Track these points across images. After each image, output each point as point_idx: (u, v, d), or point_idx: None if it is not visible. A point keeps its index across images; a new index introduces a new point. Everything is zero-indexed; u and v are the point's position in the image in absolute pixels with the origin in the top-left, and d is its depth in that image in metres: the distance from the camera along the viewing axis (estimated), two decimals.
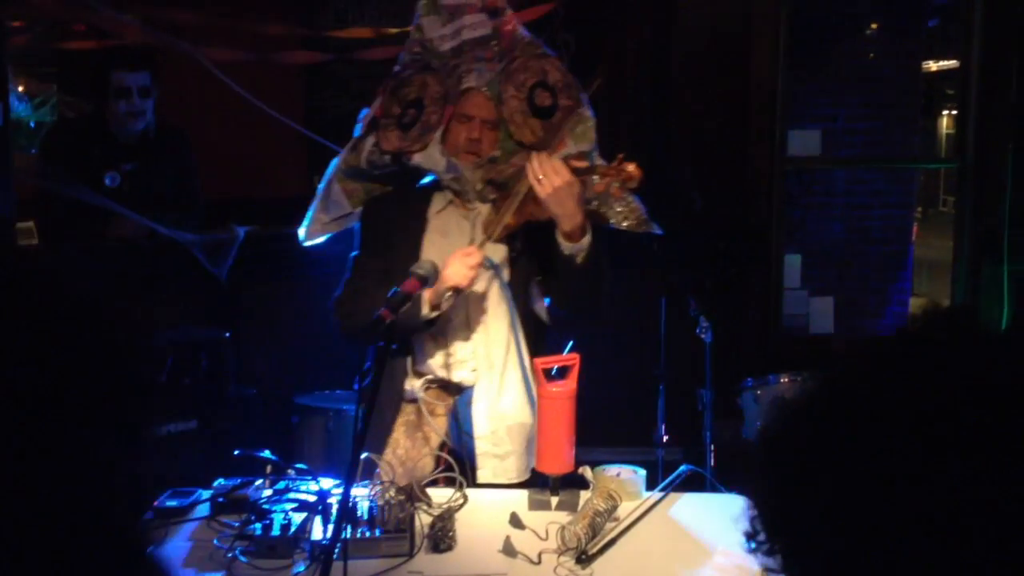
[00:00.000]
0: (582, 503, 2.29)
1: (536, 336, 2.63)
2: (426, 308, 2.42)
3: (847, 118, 5.55)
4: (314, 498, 2.26)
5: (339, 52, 4.53)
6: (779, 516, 0.88)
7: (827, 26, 5.50)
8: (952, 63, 5.23)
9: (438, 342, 2.59)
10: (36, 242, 4.25)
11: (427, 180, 2.66)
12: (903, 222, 5.88)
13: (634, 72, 4.91)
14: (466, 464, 2.50)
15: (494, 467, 2.56)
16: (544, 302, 2.63)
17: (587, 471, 2.42)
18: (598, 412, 2.97)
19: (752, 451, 0.93)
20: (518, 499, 2.42)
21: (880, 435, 0.81)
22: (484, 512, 2.35)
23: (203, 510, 2.33)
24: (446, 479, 2.46)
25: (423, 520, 2.20)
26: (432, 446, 2.60)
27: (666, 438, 3.95)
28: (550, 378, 2.42)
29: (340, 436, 3.54)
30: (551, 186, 2.37)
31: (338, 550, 1.87)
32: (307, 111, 5.02)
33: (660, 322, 3.92)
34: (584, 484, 2.42)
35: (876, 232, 5.72)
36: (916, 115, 5.94)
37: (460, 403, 2.59)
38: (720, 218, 4.47)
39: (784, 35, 4.43)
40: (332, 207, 2.75)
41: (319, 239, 2.80)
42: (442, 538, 2.15)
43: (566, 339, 2.69)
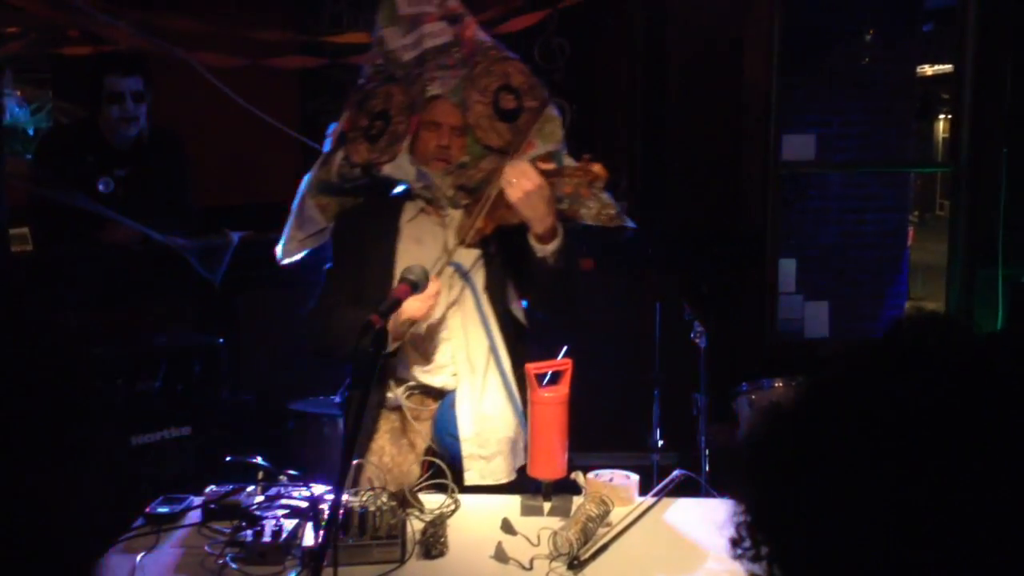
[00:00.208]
0: (574, 508, 2.29)
1: (515, 338, 2.64)
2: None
3: (841, 123, 5.56)
4: (305, 504, 2.25)
5: (334, 57, 4.53)
6: (765, 521, 0.88)
7: (821, 31, 5.51)
8: (947, 67, 5.23)
9: (418, 348, 2.60)
10: (30, 248, 4.25)
11: (399, 190, 2.67)
12: (898, 226, 5.89)
13: (628, 77, 4.91)
14: (452, 468, 2.50)
15: (480, 469, 2.55)
16: (521, 304, 2.65)
17: (579, 476, 2.42)
18: (593, 417, 2.97)
19: (738, 456, 0.93)
20: (510, 505, 2.41)
21: (863, 439, 0.81)
22: (476, 518, 2.34)
23: (195, 516, 2.33)
24: (434, 484, 2.46)
25: (415, 526, 2.20)
26: (418, 451, 2.60)
27: (661, 443, 3.95)
28: (543, 383, 2.42)
29: (335, 442, 3.54)
30: (521, 190, 2.39)
31: (329, 557, 1.87)
32: (302, 116, 5.02)
33: (655, 327, 3.92)
34: (576, 489, 2.42)
35: (871, 236, 5.72)
36: (910, 119, 5.95)
37: (444, 405, 2.59)
38: (714, 223, 4.47)
39: (778, 40, 4.43)
40: (307, 223, 2.76)
41: (297, 256, 2.81)
42: (434, 544, 2.14)
43: (548, 341, 2.69)
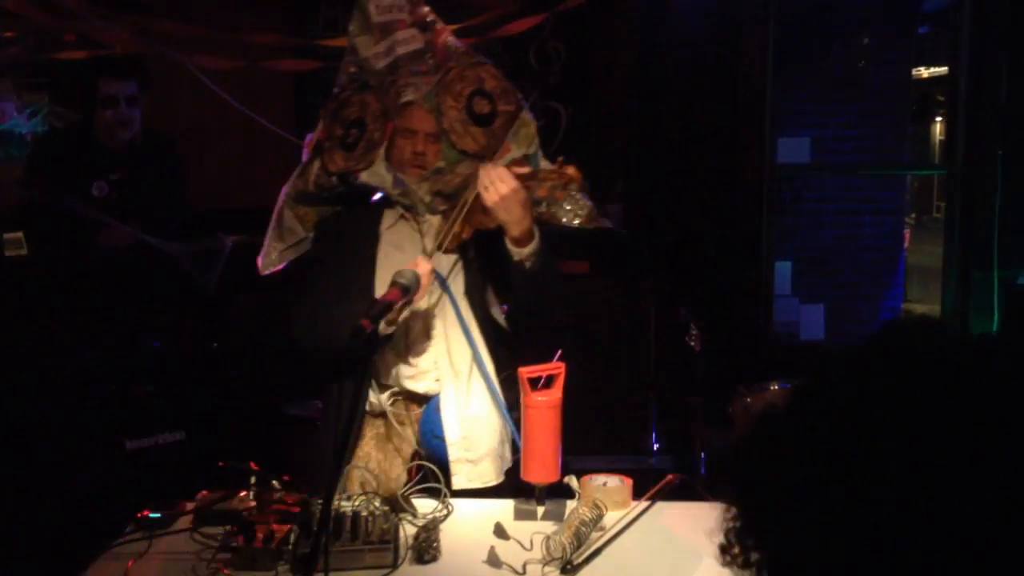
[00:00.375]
0: (568, 513, 2.28)
1: (497, 342, 2.65)
2: (382, 324, 2.42)
3: (837, 125, 5.56)
4: (297, 509, 2.25)
5: (329, 60, 4.52)
6: (755, 528, 0.88)
7: (816, 33, 5.51)
8: (943, 70, 5.24)
9: (400, 354, 2.61)
10: (25, 252, 4.24)
11: (376, 197, 2.68)
12: (894, 229, 5.89)
13: (623, 80, 4.91)
14: (440, 471, 2.50)
15: (468, 472, 2.56)
16: (502, 308, 2.66)
17: (572, 480, 2.41)
18: (590, 420, 2.98)
19: (727, 463, 0.93)
20: (503, 509, 2.40)
21: (851, 445, 0.81)
22: (468, 522, 2.33)
23: (186, 522, 2.32)
24: (424, 489, 2.46)
25: (407, 531, 2.19)
26: (404, 456, 2.60)
27: (657, 446, 3.95)
28: (537, 387, 2.41)
29: (326, 446, 3.52)
30: (497, 194, 2.40)
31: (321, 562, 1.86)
32: (297, 119, 5.00)
33: (650, 330, 3.92)
34: (570, 493, 2.41)
35: (867, 239, 5.71)
36: (906, 122, 5.94)
37: (428, 409, 2.60)
38: (710, 226, 4.47)
39: (773, 43, 4.43)
40: (286, 234, 2.77)
41: (279, 267, 2.82)
42: (426, 549, 2.13)
43: (542, 344, 2.70)
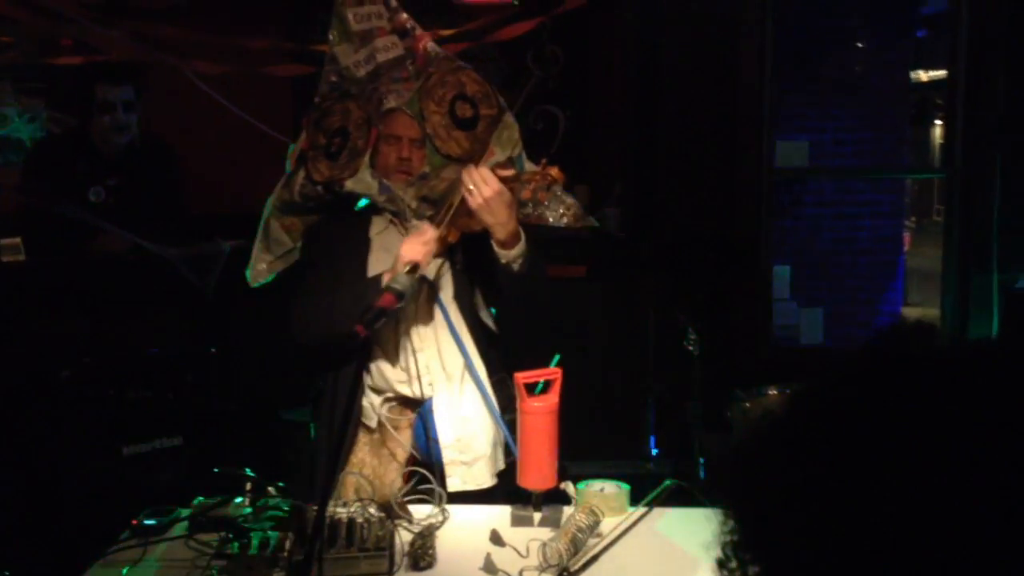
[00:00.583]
0: (564, 519, 2.27)
1: (488, 345, 2.66)
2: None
3: (836, 129, 5.55)
4: (293, 516, 2.24)
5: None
6: (753, 541, 0.87)
7: (815, 37, 5.50)
8: (942, 73, 5.23)
9: (391, 359, 2.62)
10: (23, 258, 4.24)
11: (363, 204, 2.68)
12: (894, 232, 5.88)
13: (621, 84, 4.90)
14: (435, 475, 2.50)
15: (463, 474, 2.58)
16: (491, 311, 2.68)
17: (569, 486, 2.40)
18: (588, 425, 2.97)
19: (724, 475, 0.92)
20: (500, 515, 2.40)
21: (846, 454, 0.80)
22: (464, 529, 2.33)
23: (182, 528, 2.31)
24: (420, 494, 2.46)
25: (403, 538, 2.18)
26: (399, 461, 2.60)
27: (656, 451, 3.94)
28: (534, 393, 2.40)
29: (322, 452, 3.52)
30: (482, 196, 2.42)
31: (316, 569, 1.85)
32: (294, 124, 5.00)
33: (648, 334, 3.91)
34: (567, 499, 2.40)
35: (866, 242, 5.71)
36: (905, 125, 5.94)
37: (422, 413, 2.61)
38: (708, 229, 4.46)
39: (771, 46, 4.42)
40: (274, 245, 2.78)
41: (267, 279, 2.83)
42: (422, 556, 2.13)
43: (528, 348, 2.71)
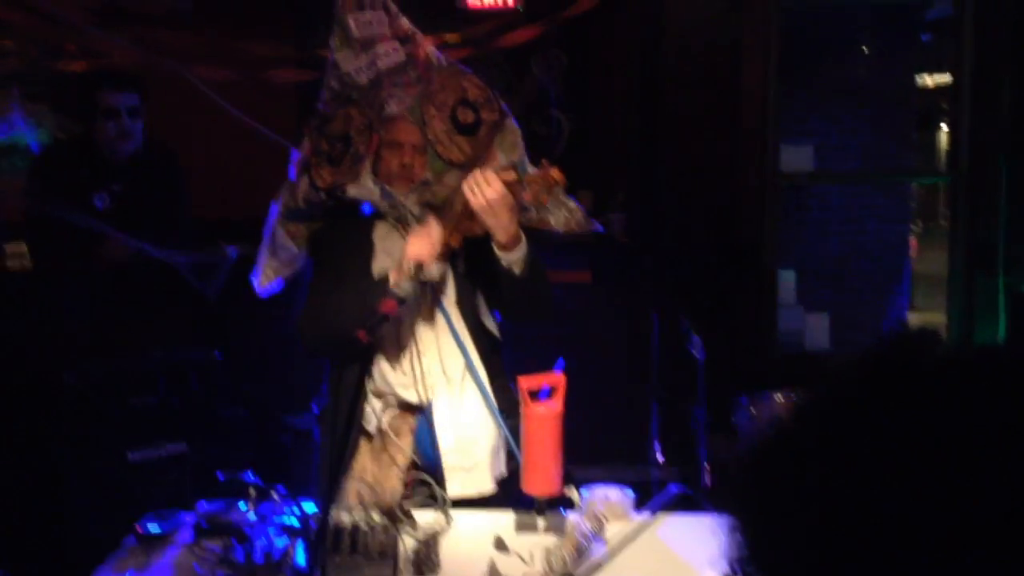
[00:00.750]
0: (569, 525, 2.27)
1: (490, 350, 2.66)
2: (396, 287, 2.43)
3: (840, 133, 5.54)
4: (297, 522, 2.23)
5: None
6: (760, 557, 0.87)
7: (819, 41, 5.50)
8: (947, 78, 5.22)
9: (392, 364, 2.62)
10: (29, 264, 4.25)
11: (367, 210, 2.68)
12: (899, 237, 5.87)
13: (625, 88, 4.90)
14: (435, 480, 2.51)
15: (462, 480, 2.57)
16: (494, 316, 2.67)
17: (573, 492, 2.40)
18: (593, 431, 2.96)
19: (728, 491, 0.92)
20: (504, 521, 2.39)
21: (852, 468, 0.79)
22: (468, 535, 2.32)
23: (185, 534, 2.31)
24: (422, 499, 2.45)
25: (406, 544, 2.18)
26: (400, 467, 2.59)
27: (661, 457, 3.92)
28: (538, 398, 2.40)
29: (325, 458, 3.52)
30: (484, 198, 2.41)
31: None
32: (298, 130, 5.00)
33: (653, 340, 3.90)
34: (571, 505, 2.40)
35: (872, 247, 5.70)
36: (910, 129, 5.93)
37: (423, 419, 2.61)
38: (713, 234, 4.45)
39: (775, 50, 4.41)
40: (280, 252, 2.79)
41: (274, 284, 2.83)
42: (425, 562, 2.12)
43: (544, 354, 2.70)
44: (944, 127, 14.76)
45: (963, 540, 0.74)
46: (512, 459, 2.59)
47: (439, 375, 2.60)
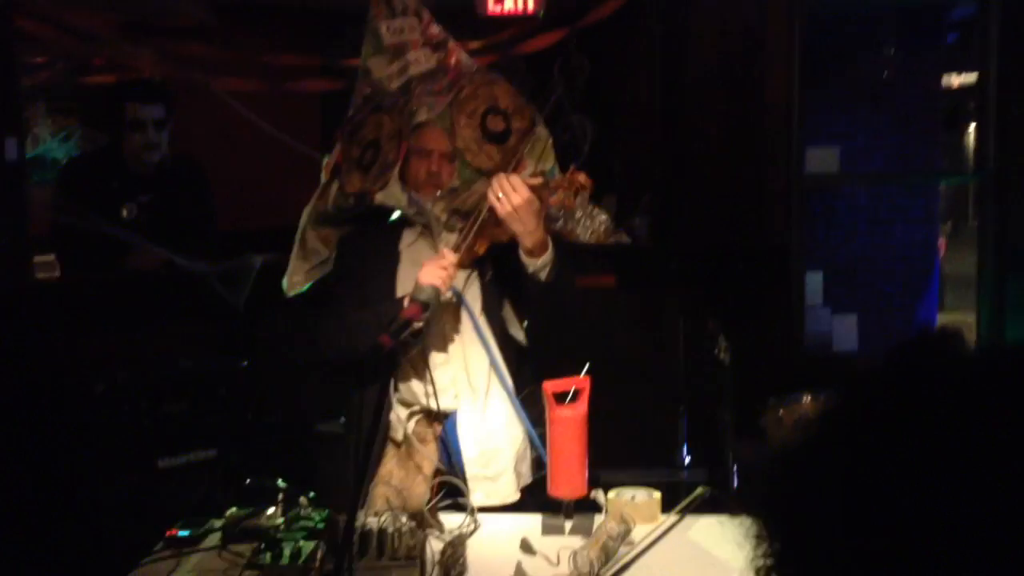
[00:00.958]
0: (596, 527, 2.26)
1: (517, 358, 2.65)
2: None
3: (867, 134, 5.50)
4: (325, 527, 2.24)
5: (355, 79, 4.55)
6: (788, 566, 0.86)
7: (843, 43, 5.46)
8: (973, 77, 5.18)
9: (419, 372, 2.62)
10: (57, 275, 4.29)
11: (395, 216, 2.69)
12: (928, 237, 5.82)
13: (649, 92, 4.90)
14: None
15: (486, 489, 2.56)
16: (521, 325, 2.67)
17: (599, 494, 2.39)
18: (619, 434, 2.95)
19: (754, 499, 0.91)
20: (531, 524, 2.39)
21: (880, 472, 0.79)
22: (495, 538, 2.32)
23: (215, 539, 2.32)
24: (451, 504, 2.46)
25: (433, 547, 2.18)
26: (426, 473, 2.59)
27: (688, 459, 3.91)
28: (564, 401, 2.40)
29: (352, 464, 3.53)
30: (511, 204, 2.40)
31: None
32: (323, 139, 5.04)
33: (679, 343, 3.89)
34: (598, 508, 2.39)
35: (900, 248, 5.65)
36: (937, 129, 5.88)
37: (447, 426, 2.61)
38: (738, 237, 4.43)
39: (799, 52, 4.39)
40: (310, 255, 2.81)
41: (303, 288, 2.85)
42: (453, 565, 2.12)
43: (558, 358, 2.69)
44: (971, 126, 14.63)
45: (993, 543, 0.73)
46: (539, 468, 2.58)
47: (464, 384, 2.60)
